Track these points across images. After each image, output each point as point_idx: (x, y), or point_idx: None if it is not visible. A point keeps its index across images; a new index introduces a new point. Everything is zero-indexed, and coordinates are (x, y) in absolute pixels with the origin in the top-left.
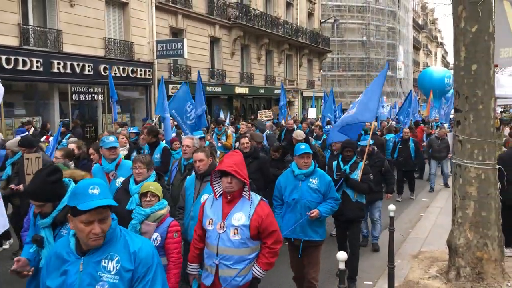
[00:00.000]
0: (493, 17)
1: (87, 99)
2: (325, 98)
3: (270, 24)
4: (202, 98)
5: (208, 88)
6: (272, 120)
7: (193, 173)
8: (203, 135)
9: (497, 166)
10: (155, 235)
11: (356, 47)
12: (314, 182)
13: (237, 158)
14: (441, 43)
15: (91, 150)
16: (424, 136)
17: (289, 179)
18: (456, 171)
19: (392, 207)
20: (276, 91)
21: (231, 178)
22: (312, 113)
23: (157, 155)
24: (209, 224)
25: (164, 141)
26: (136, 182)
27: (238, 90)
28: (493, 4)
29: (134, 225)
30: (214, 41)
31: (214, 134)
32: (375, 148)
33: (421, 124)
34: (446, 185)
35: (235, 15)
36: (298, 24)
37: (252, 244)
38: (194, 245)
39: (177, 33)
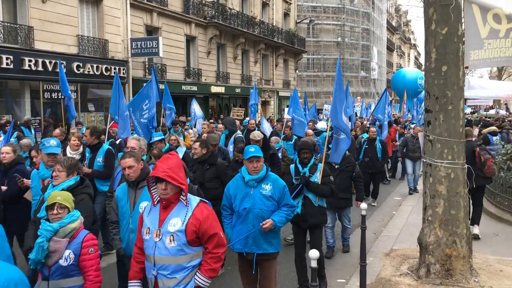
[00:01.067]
0: (462, 20)
1: (60, 97)
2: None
3: (246, 24)
4: (154, 96)
5: (183, 87)
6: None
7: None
8: (163, 136)
9: (466, 166)
10: (67, 252)
11: (331, 48)
12: (266, 188)
13: (173, 161)
14: (414, 45)
15: (33, 153)
16: (397, 136)
17: (239, 186)
18: (426, 170)
19: (364, 205)
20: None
21: (165, 184)
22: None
23: (99, 158)
24: (146, 233)
25: (106, 142)
26: (53, 186)
27: (214, 89)
28: (462, 8)
29: (41, 244)
30: (190, 39)
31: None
32: (347, 152)
33: (394, 124)
34: (414, 189)
35: (211, 14)
36: (274, 24)
37: (191, 251)
38: (136, 259)
39: (152, 31)
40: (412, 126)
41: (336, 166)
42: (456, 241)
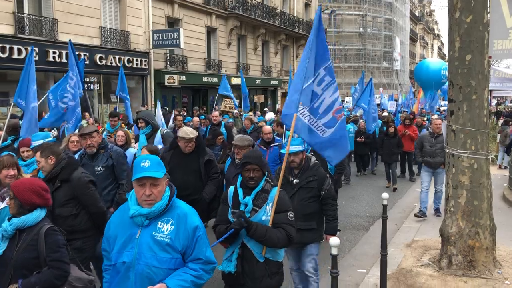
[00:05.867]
0: (488, 8)
1: (83, 88)
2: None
3: (267, 15)
4: (80, 83)
5: (204, 79)
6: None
7: None
8: (51, 138)
9: (490, 156)
10: None
11: (353, 38)
12: (164, 229)
13: None
14: (438, 35)
15: None
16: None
17: (123, 222)
18: (449, 161)
19: (385, 195)
20: (273, 82)
21: None
22: None
23: None
24: None
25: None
26: None
27: (234, 80)
28: None
29: None
30: (211, 31)
31: (105, 132)
32: (311, 159)
33: (416, 117)
34: (436, 211)
35: (232, 5)
36: (295, 15)
37: None
38: None
39: (173, 23)
40: (434, 117)
41: (295, 181)
42: (479, 232)
